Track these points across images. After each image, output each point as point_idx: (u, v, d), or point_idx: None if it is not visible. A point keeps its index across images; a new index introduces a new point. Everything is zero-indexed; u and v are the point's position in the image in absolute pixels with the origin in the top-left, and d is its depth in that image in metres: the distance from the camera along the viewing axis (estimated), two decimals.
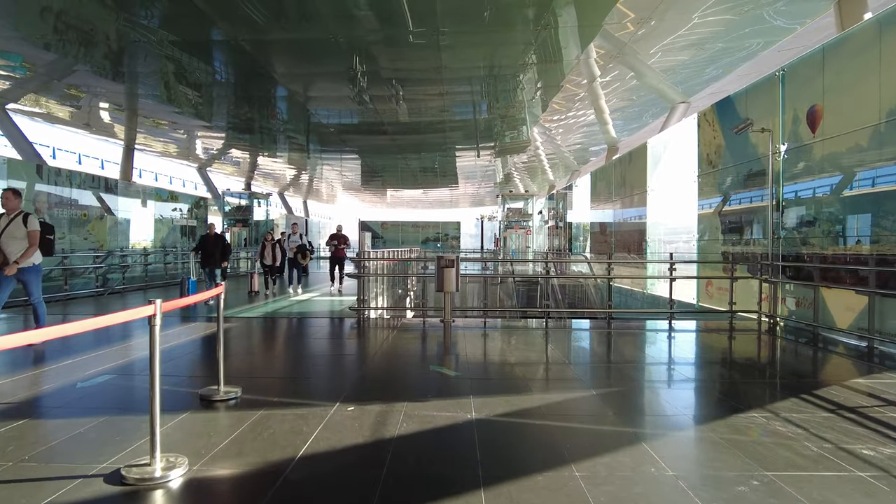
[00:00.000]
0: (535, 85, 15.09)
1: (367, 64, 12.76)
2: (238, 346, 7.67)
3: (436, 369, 5.93)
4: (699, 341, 8.29)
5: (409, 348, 7.44)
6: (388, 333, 8.29)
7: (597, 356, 7.26)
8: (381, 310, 10.13)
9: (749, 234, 9.47)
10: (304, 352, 7.34)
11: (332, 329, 8.77)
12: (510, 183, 31.40)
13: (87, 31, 10.80)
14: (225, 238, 13.40)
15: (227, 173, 29.44)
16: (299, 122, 19.17)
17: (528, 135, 20.84)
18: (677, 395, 5.31)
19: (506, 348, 7.42)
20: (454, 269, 8.22)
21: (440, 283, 8.26)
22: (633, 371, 6.24)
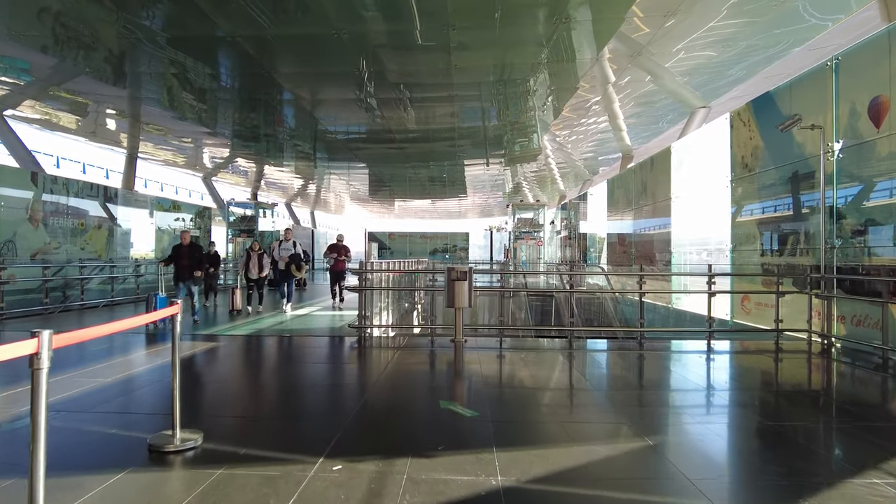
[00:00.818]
0: (548, 90, 14.05)
1: (374, 68, 11.88)
2: (211, 374, 6.50)
3: (447, 407, 4.72)
4: (749, 366, 7.08)
5: (414, 375, 6.29)
6: (391, 355, 7.13)
7: (637, 387, 6.04)
8: (384, 327, 8.98)
9: (795, 244, 8.27)
10: (290, 381, 6.13)
11: (328, 350, 7.64)
12: (519, 193, 30.27)
13: (88, 34, 10.06)
14: (202, 247, 11.55)
15: (233, 183, 28.46)
16: (306, 129, 18.24)
17: (538, 143, 19.77)
18: (754, 446, 4.10)
19: (528, 376, 6.22)
20: (467, 283, 7.09)
21: (451, 297, 7.12)
22: (687, 409, 5.05)
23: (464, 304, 7.12)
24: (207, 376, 6.40)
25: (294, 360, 7.29)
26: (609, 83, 13.27)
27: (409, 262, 15.25)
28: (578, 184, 26.40)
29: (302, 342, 8.32)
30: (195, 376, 6.24)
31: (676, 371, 6.65)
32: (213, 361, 7.10)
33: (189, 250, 11.00)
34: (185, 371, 6.25)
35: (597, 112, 16.00)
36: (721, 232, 10.25)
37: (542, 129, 17.78)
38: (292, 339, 8.71)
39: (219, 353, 7.58)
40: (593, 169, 24.09)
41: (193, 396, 5.22)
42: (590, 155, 21.89)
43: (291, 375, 6.39)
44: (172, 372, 3.72)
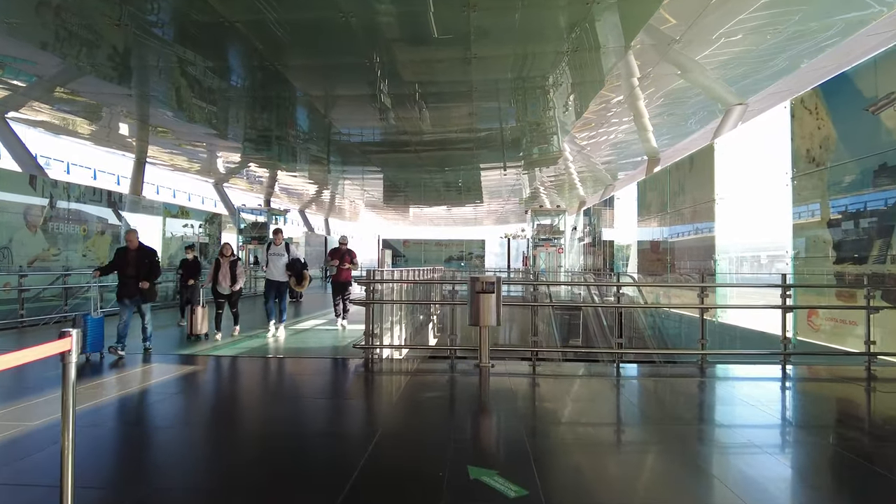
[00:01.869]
0: (571, 87, 12.70)
1: (388, 59, 10.68)
2: (160, 420, 4.85)
3: (481, 478, 3.25)
4: (844, 398, 5.58)
5: (431, 416, 4.84)
6: (402, 383, 5.75)
7: (729, 435, 4.47)
8: (395, 348, 7.57)
9: (884, 249, 6.75)
10: (271, 427, 4.57)
11: (327, 378, 6.25)
12: (537, 200, 28.82)
13: (89, 29, 9.21)
14: (154, 252, 8.52)
15: (245, 189, 27.31)
16: (319, 132, 17.08)
17: (559, 146, 18.39)
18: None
19: (580, 417, 4.78)
20: (495, 296, 5.67)
21: (475, 313, 5.71)
22: (811, 479, 3.60)
23: (491, 321, 5.71)
24: (154, 422, 4.81)
25: (282, 393, 5.85)
26: (635, 78, 11.93)
27: (423, 270, 13.69)
28: (599, 189, 24.93)
29: (295, 367, 6.91)
30: (132, 422, 4.80)
31: (768, 410, 5.13)
32: (167, 400, 5.39)
33: (137, 256, 8.21)
34: (121, 416, 4.86)
35: (621, 112, 14.66)
36: (778, 236, 8.75)
37: (562, 130, 16.44)
38: (283, 362, 7.24)
39: (181, 385, 5.99)
40: (615, 173, 22.64)
41: (122, 456, 3.87)
42: (612, 158, 20.44)
43: (273, 415, 4.91)
44: (63, 434, 2.35)
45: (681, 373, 6.75)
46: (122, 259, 8.19)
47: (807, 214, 8.12)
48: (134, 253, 8.21)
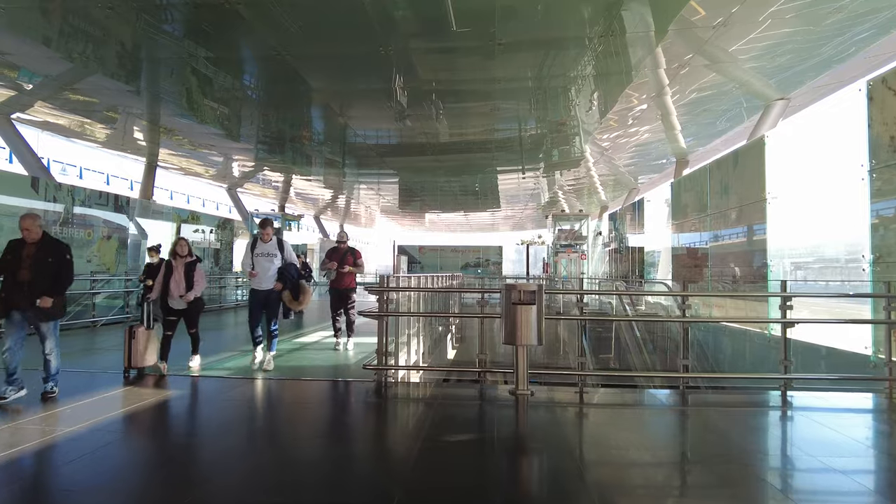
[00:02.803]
0: (595, 86, 11.72)
1: (405, 59, 9.93)
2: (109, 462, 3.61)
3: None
4: None
5: (464, 468, 3.57)
6: (423, 417, 4.56)
7: (839, 483, 3.25)
8: (413, 369, 6.40)
9: None
10: (243, 495, 3.16)
11: (328, 409, 5.07)
12: (556, 205, 27.56)
13: (101, 31, 8.74)
14: (64, 249, 5.80)
15: (259, 194, 26.37)
16: (334, 133, 16.10)
17: (580, 148, 17.20)
18: None
19: (651, 459, 3.56)
20: (535, 309, 4.49)
21: (511, 330, 4.54)
22: None
23: (531, 339, 4.54)
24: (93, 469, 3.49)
25: (267, 435, 4.41)
26: (662, 70, 10.74)
27: (442, 276, 12.42)
28: (622, 193, 23.65)
29: (289, 393, 5.61)
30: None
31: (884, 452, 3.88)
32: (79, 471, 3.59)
33: (36, 255, 5.43)
34: None
35: (647, 111, 13.49)
36: (850, 238, 7.47)
37: (585, 131, 15.29)
38: (273, 387, 5.88)
39: (98, 453, 4.12)
40: (640, 176, 21.36)
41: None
42: (637, 160, 19.18)
43: (253, 483, 3.27)
44: None
45: (760, 402, 5.47)
46: (13, 255, 5.44)
47: (888, 211, 6.84)
48: (32, 248, 5.48)
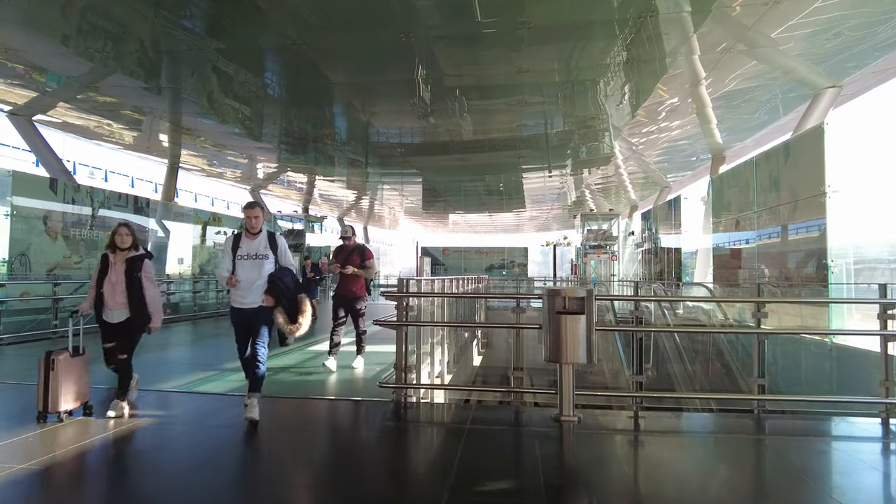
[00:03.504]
0: (626, 77, 10.94)
1: (425, 51, 9.33)
2: None
3: None
4: None
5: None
6: (451, 449, 3.73)
7: None
8: (437, 388, 5.60)
9: None
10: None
11: (338, 436, 4.28)
12: (582, 206, 26.54)
13: (122, 28, 8.47)
14: None
15: (282, 196, 25.89)
16: (357, 133, 15.50)
17: (610, 145, 16.27)
18: None
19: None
20: (584, 319, 3.67)
21: (554, 345, 3.73)
22: None
23: (579, 356, 3.72)
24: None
25: (261, 475, 3.47)
26: (699, 62, 10.02)
27: (468, 279, 11.54)
28: (653, 191, 22.56)
29: (292, 415, 4.77)
30: None
31: None
32: None
33: None
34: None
35: (681, 104, 12.54)
36: None
37: (615, 127, 14.39)
38: (275, 406, 4.86)
39: None
40: (673, 174, 20.28)
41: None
42: (670, 157, 18.15)
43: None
44: None
45: (858, 432, 4.43)
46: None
47: None
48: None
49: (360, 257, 7.24)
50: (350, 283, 7.17)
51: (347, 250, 7.37)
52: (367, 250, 7.45)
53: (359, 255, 7.28)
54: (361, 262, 7.19)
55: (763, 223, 9.89)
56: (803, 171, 8.77)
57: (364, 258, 7.25)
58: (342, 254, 7.37)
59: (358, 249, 7.38)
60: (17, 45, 9.14)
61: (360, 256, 7.25)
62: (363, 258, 7.26)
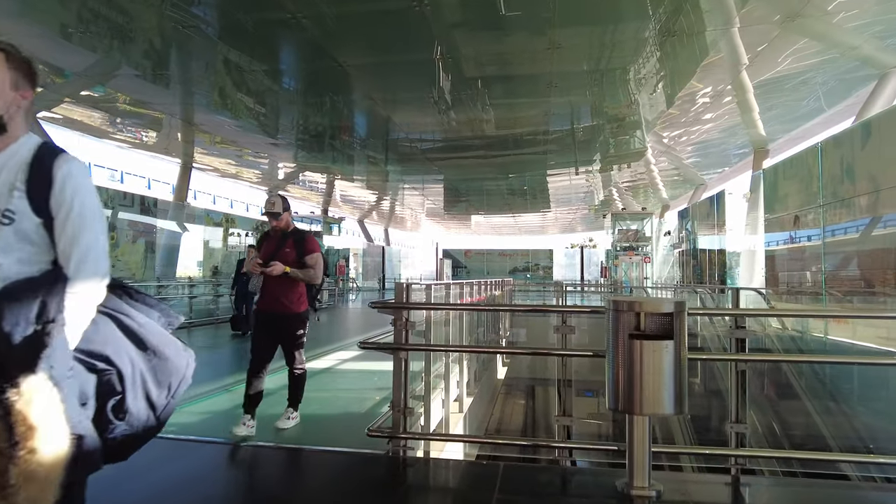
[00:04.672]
0: (661, 63, 9.92)
1: (450, 44, 8.74)
2: None
3: None
4: None
5: None
6: None
7: None
8: (449, 439, 4.23)
9: None
10: None
11: (310, 500, 2.81)
12: (610, 206, 24.99)
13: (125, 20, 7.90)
14: None
15: (301, 197, 24.87)
16: (377, 131, 14.74)
17: (642, 140, 14.87)
18: None
19: None
20: (673, 347, 2.26)
21: (626, 387, 2.31)
22: None
23: (664, 404, 2.36)
24: None
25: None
26: (742, 44, 9.03)
27: (490, 283, 10.00)
28: (685, 190, 20.95)
29: (243, 465, 3.39)
30: None
31: None
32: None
33: None
34: None
35: (721, 92, 11.40)
36: None
37: (648, 120, 13.12)
38: (215, 452, 3.56)
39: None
40: (709, 170, 18.71)
41: None
42: (707, 152, 16.61)
43: None
44: None
45: None
46: None
47: None
48: None
49: (298, 249, 4.24)
50: (280, 290, 4.15)
51: (277, 237, 4.30)
52: (310, 239, 4.40)
53: (295, 244, 4.26)
54: (299, 256, 4.21)
55: (832, 218, 8.34)
56: (890, 156, 7.23)
57: (304, 250, 4.25)
58: (269, 243, 4.32)
59: (295, 236, 4.30)
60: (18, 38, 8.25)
61: (298, 248, 4.25)
62: (302, 251, 4.24)
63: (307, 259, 4.21)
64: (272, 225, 4.31)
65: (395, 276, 28.68)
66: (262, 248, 4.33)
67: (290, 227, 4.33)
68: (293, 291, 4.19)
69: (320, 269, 4.26)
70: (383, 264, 27.58)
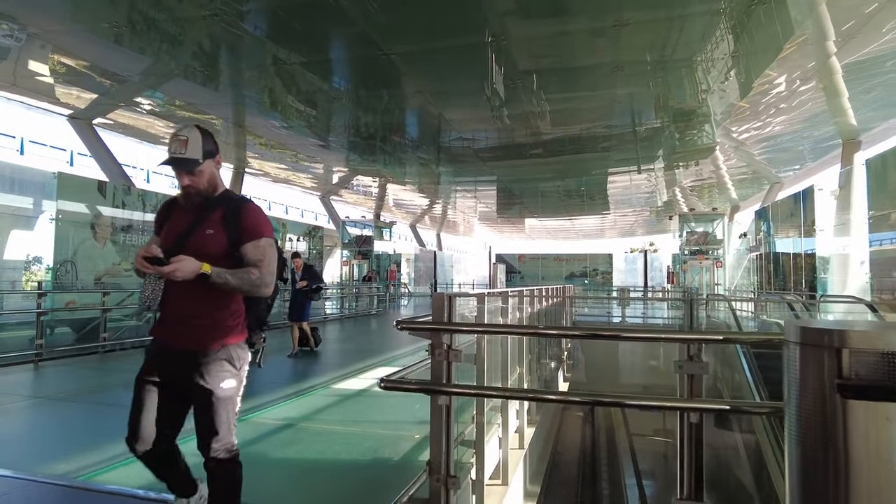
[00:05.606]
0: (735, 49, 8.76)
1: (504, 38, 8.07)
2: None
3: None
4: None
5: None
6: None
7: None
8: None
9: None
10: None
11: None
12: (674, 207, 23.31)
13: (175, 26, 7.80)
14: None
15: (354, 202, 24.45)
16: (429, 134, 14.31)
17: (711, 136, 13.46)
18: None
19: None
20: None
21: (819, 474, 1.20)
22: None
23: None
24: None
25: None
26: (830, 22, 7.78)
27: (549, 289, 8.69)
28: (757, 190, 19.17)
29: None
30: None
31: None
32: None
33: None
34: None
35: (805, 76, 9.96)
36: None
37: (718, 112, 11.80)
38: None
39: None
40: (785, 167, 16.95)
41: None
42: (787, 146, 14.93)
43: None
44: None
45: None
46: None
47: None
48: None
49: (230, 229, 2.24)
50: (195, 307, 2.21)
51: (193, 207, 2.29)
52: (251, 210, 2.31)
53: (225, 221, 2.25)
54: (232, 244, 2.23)
55: None
56: None
57: (241, 232, 2.25)
58: (177, 218, 2.34)
59: (225, 207, 2.28)
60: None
61: (230, 227, 2.25)
62: (237, 233, 2.24)
63: (246, 249, 2.20)
64: (182, 185, 2.23)
65: (448, 281, 27.83)
66: (163, 228, 2.33)
67: (216, 189, 2.29)
68: (219, 310, 2.22)
69: (270, 269, 2.24)
70: (435, 269, 26.80)
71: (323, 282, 7.58)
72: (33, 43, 8.46)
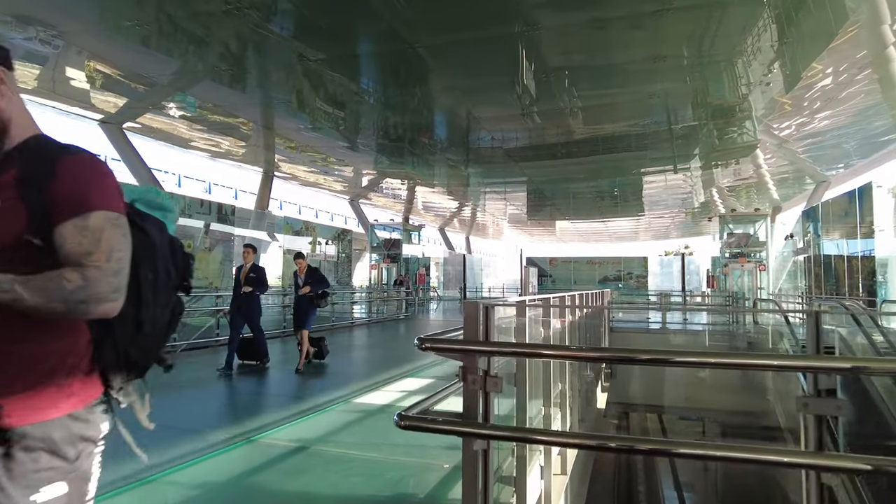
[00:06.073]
0: (778, 39, 8.22)
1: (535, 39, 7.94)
2: None
3: None
4: None
5: None
6: None
7: None
8: None
9: None
10: None
11: None
12: (712, 208, 22.30)
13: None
14: None
15: (382, 206, 24.13)
16: (458, 135, 13.96)
17: (753, 133, 12.64)
18: None
19: None
20: None
21: None
22: None
23: None
24: None
25: None
26: None
27: (587, 294, 7.89)
28: (801, 190, 18.10)
29: None
30: None
31: None
32: None
33: None
34: None
35: (856, 67, 9.33)
36: None
37: (760, 108, 11.24)
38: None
39: None
40: (828, 165, 15.93)
41: None
42: (834, 142, 13.98)
43: None
44: None
45: None
46: None
47: None
48: None
49: (31, 195, 1.14)
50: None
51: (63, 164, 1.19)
52: (70, 163, 1.18)
53: (22, 183, 1.15)
54: (36, 226, 1.14)
55: None
56: None
57: (53, 205, 1.15)
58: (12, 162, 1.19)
59: (24, 158, 1.19)
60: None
61: (31, 191, 1.14)
62: (46, 205, 1.14)
63: (62, 233, 1.14)
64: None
65: (477, 284, 27.25)
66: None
67: (7, 130, 1.22)
68: (25, 349, 1.15)
69: (111, 266, 1.16)
70: (464, 273, 26.26)
71: (329, 285, 6.98)
72: (70, 49, 8.40)
